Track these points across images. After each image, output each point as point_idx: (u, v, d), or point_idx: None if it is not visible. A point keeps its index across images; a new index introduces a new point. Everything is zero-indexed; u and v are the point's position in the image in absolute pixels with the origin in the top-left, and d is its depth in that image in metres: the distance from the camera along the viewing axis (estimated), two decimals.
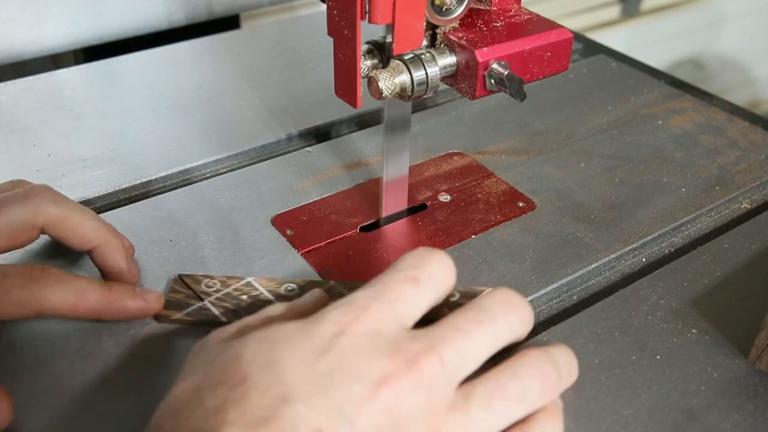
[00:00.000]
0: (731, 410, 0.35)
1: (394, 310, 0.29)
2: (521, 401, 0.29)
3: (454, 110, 0.60)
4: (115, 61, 0.66)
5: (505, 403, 0.28)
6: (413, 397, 0.26)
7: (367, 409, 0.26)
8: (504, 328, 0.30)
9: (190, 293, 0.40)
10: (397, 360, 0.27)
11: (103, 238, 0.38)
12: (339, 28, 0.36)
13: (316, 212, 0.47)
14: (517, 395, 0.28)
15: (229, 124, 0.57)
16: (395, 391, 0.26)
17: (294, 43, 0.70)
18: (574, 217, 0.48)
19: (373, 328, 0.28)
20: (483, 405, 0.28)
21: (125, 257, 0.39)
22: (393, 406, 0.26)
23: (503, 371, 0.29)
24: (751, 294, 0.42)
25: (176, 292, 0.40)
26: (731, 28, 1.63)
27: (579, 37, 0.72)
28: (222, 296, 0.39)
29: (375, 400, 0.26)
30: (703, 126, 0.58)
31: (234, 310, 0.39)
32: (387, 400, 0.26)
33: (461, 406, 0.27)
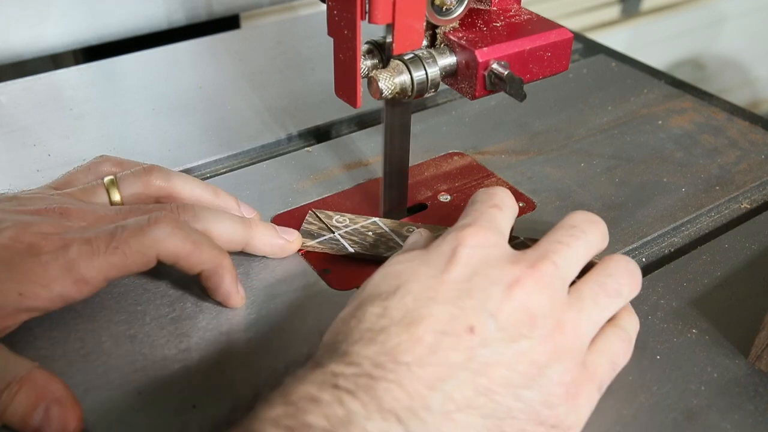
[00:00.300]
0: (731, 410, 0.35)
1: (495, 227, 0.34)
2: (618, 296, 0.34)
3: (454, 110, 0.60)
4: (115, 61, 0.66)
5: (608, 298, 0.34)
6: (540, 295, 0.31)
7: (506, 306, 0.30)
8: (592, 239, 0.35)
9: (322, 225, 0.44)
10: (520, 265, 0.32)
11: (215, 264, 0.38)
12: (339, 28, 0.36)
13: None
14: (615, 291, 0.34)
15: (229, 124, 0.57)
16: (525, 291, 0.31)
17: (294, 43, 0.70)
18: None
19: (486, 241, 0.33)
20: (592, 301, 0.33)
21: (235, 281, 0.39)
22: (525, 303, 0.31)
23: (600, 273, 0.34)
24: (751, 294, 0.42)
25: (310, 224, 0.45)
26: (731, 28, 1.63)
27: (579, 37, 0.72)
28: (350, 231, 0.44)
29: (510, 299, 0.31)
30: (703, 126, 0.58)
31: (361, 243, 0.43)
32: (520, 298, 0.31)
33: (576, 304, 0.32)
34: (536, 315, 0.31)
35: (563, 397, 0.31)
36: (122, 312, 0.39)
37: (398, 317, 0.30)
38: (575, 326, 0.32)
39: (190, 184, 0.43)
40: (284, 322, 0.39)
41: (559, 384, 0.30)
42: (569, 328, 0.31)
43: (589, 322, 0.33)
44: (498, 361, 0.29)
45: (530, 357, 0.30)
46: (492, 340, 0.30)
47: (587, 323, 0.33)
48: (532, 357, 0.30)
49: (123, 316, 0.39)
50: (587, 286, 0.34)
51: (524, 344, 0.30)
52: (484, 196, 0.36)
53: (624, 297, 0.35)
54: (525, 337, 0.30)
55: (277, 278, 0.42)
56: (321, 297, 0.41)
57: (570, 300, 0.32)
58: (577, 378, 0.31)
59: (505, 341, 0.30)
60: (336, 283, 0.42)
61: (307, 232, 0.44)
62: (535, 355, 0.30)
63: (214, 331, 0.38)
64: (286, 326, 0.39)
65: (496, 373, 0.29)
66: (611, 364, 0.34)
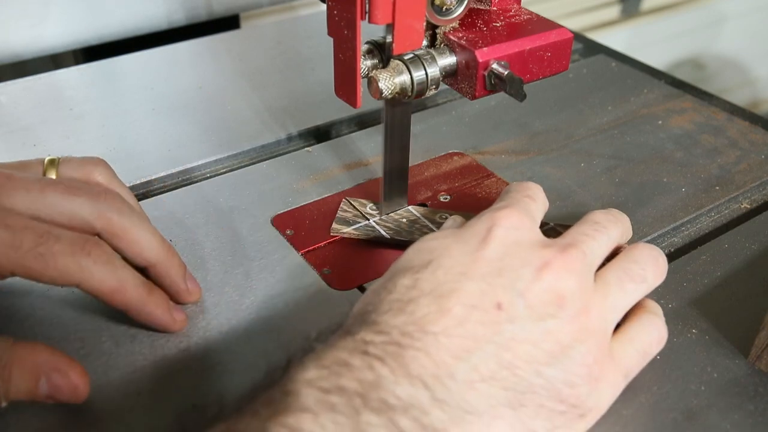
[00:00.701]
0: (731, 410, 0.35)
1: (529, 214, 0.35)
2: (643, 282, 0.35)
3: (454, 110, 0.60)
4: (115, 61, 0.66)
5: (633, 284, 0.35)
6: (569, 279, 0.32)
7: (535, 287, 0.31)
8: (613, 235, 0.36)
9: (357, 213, 0.46)
10: (551, 250, 0.33)
11: (158, 258, 0.37)
12: (339, 28, 0.36)
13: (316, 212, 0.47)
14: (640, 277, 0.35)
15: (229, 124, 0.57)
16: (555, 274, 0.32)
17: (294, 43, 0.70)
18: (575, 217, 0.47)
19: (521, 224, 0.34)
20: (618, 287, 0.34)
21: (182, 276, 0.38)
22: (554, 286, 0.31)
23: (625, 259, 0.35)
24: (751, 294, 0.42)
25: (345, 212, 0.46)
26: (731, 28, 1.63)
27: (579, 37, 0.72)
28: (385, 218, 0.45)
29: (540, 280, 0.31)
30: (703, 126, 0.58)
31: (396, 229, 0.44)
32: (549, 280, 0.31)
33: (602, 289, 0.33)
34: (564, 296, 0.31)
35: (585, 377, 0.31)
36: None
37: (428, 289, 0.31)
38: (600, 310, 0.33)
39: (129, 197, 0.40)
40: (284, 322, 0.39)
41: (582, 365, 0.31)
42: (594, 311, 0.32)
43: (614, 307, 0.34)
44: (524, 338, 0.30)
45: (555, 336, 0.31)
46: (519, 317, 0.31)
47: (612, 308, 0.34)
48: (558, 336, 0.31)
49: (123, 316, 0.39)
50: (613, 272, 0.35)
51: (550, 323, 0.31)
52: (518, 187, 0.38)
53: (649, 283, 0.35)
54: (552, 316, 0.31)
55: (277, 278, 0.42)
56: (321, 297, 0.41)
57: (596, 286, 0.33)
58: (600, 360, 0.32)
59: (532, 319, 0.31)
60: (336, 283, 0.42)
61: (343, 220, 0.45)
62: (560, 334, 0.31)
63: (214, 332, 0.38)
64: (286, 326, 0.39)
65: (520, 348, 0.30)
66: (641, 353, 0.34)
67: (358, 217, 0.45)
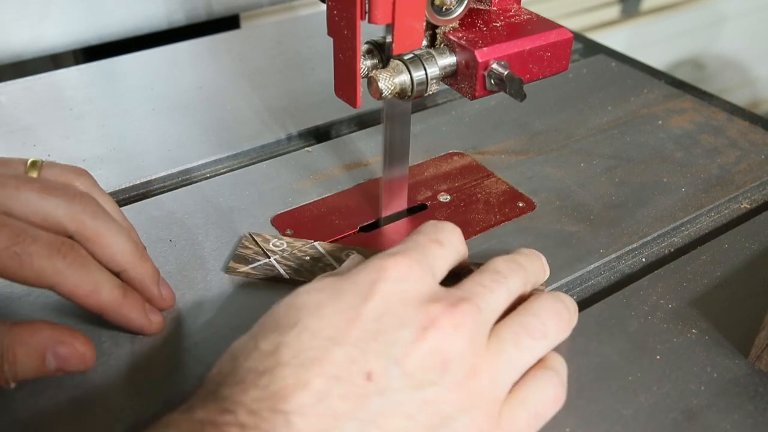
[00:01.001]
0: (731, 410, 0.35)
1: (427, 263, 0.31)
2: (543, 338, 0.32)
3: (454, 110, 0.60)
4: (115, 61, 0.66)
5: (532, 341, 0.31)
6: (457, 338, 0.29)
7: (416, 351, 0.28)
8: (514, 284, 0.33)
9: (258, 250, 0.42)
10: (439, 305, 0.29)
11: (130, 264, 0.36)
12: (339, 28, 0.36)
13: (316, 212, 0.47)
14: (540, 332, 0.32)
15: (229, 124, 0.57)
16: (442, 333, 0.28)
17: (294, 43, 0.70)
18: (574, 217, 0.48)
19: (411, 275, 0.30)
20: (514, 344, 0.31)
21: (155, 282, 0.37)
22: (440, 347, 0.28)
23: (524, 312, 0.32)
24: (751, 294, 0.42)
25: (245, 248, 0.43)
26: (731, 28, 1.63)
27: (579, 37, 0.72)
28: (287, 255, 0.42)
29: (423, 341, 0.28)
30: (703, 126, 0.58)
31: (297, 269, 0.41)
32: (434, 341, 0.28)
33: (495, 347, 0.30)
34: (450, 359, 0.28)
35: None
36: None
37: (289, 357, 0.27)
38: (491, 372, 0.29)
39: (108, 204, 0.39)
40: None
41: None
42: (484, 374, 0.29)
43: (509, 368, 0.30)
44: (395, 411, 0.27)
45: (436, 406, 0.28)
46: (391, 388, 0.27)
47: (506, 369, 0.30)
48: (438, 406, 0.28)
49: None
50: (508, 327, 0.31)
51: (429, 392, 0.28)
52: (428, 229, 0.34)
53: (550, 339, 0.32)
54: (432, 383, 0.28)
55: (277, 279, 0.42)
56: None
57: (490, 343, 0.30)
58: (486, 430, 0.29)
59: (408, 389, 0.27)
60: None
61: (242, 257, 0.42)
62: (441, 404, 0.28)
63: (214, 332, 0.38)
64: None
65: (390, 424, 0.27)
66: (533, 415, 0.31)
67: (259, 255, 0.42)
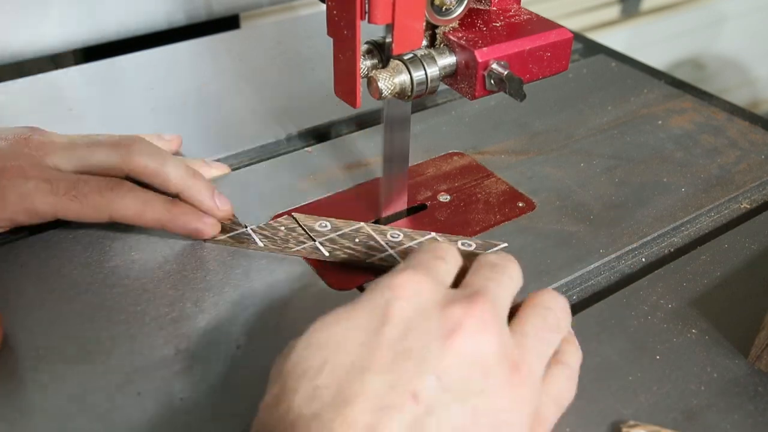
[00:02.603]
0: (731, 410, 0.35)
1: (434, 276, 0.31)
2: (558, 330, 0.32)
3: (454, 110, 0.60)
4: (115, 61, 0.66)
5: (550, 333, 0.32)
6: (487, 338, 0.28)
7: (450, 360, 0.27)
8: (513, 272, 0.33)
9: (236, 219, 0.45)
10: (458, 306, 0.29)
11: (184, 185, 0.43)
12: (339, 28, 0.36)
13: (316, 212, 0.47)
14: (555, 325, 0.32)
15: (229, 124, 0.57)
16: (470, 336, 0.28)
17: (294, 43, 0.70)
18: (574, 217, 0.48)
19: (423, 288, 0.30)
20: (536, 338, 0.31)
21: (209, 196, 0.43)
22: (473, 352, 0.27)
23: (538, 306, 0.32)
24: (751, 294, 0.42)
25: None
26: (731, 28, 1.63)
27: (579, 37, 0.72)
28: (264, 226, 0.45)
29: (453, 348, 0.27)
30: (703, 126, 0.58)
31: (272, 238, 0.44)
32: (465, 346, 0.27)
33: (522, 341, 0.30)
34: (487, 362, 0.28)
35: None
36: (122, 312, 0.39)
37: (329, 398, 0.26)
38: (529, 363, 0.29)
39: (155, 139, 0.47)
40: (284, 322, 0.39)
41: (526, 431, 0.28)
42: (523, 366, 0.29)
43: (538, 360, 0.30)
44: (452, 425, 0.26)
45: (490, 410, 0.27)
46: (439, 403, 0.26)
47: (537, 360, 0.30)
48: (493, 409, 0.27)
49: (123, 316, 0.39)
50: (529, 321, 0.31)
51: (478, 401, 0.27)
52: (427, 247, 0.34)
53: (562, 330, 0.33)
54: (479, 392, 0.27)
55: (277, 278, 0.42)
56: (321, 297, 0.41)
57: (515, 338, 0.30)
58: (534, 427, 0.30)
59: (455, 402, 0.26)
60: (336, 283, 0.42)
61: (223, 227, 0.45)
62: (495, 405, 0.27)
63: (214, 332, 0.38)
64: (286, 326, 0.39)
65: None
66: (557, 405, 0.32)
67: (236, 224, 0.45)
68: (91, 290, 0.40)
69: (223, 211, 0.44)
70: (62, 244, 0.43)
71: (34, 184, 0.40)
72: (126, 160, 0.42)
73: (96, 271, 0.41)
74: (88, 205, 0.40)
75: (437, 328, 0.28)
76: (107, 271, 0.42)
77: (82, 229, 0.44)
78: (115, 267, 0.42)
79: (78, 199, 0.40)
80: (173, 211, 0.42)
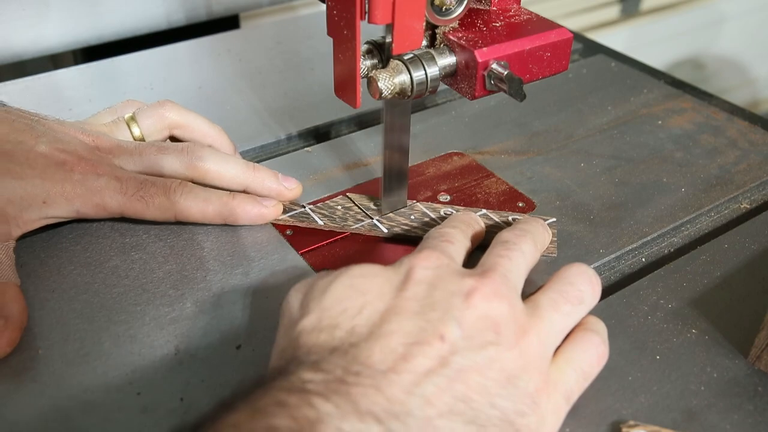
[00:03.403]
0: (731, 410, 0.35)
1: (445, 253, 0.35)
2: (581, 303, 0.34)
3: (454, 110, 0.60)
4: (115, 61, 0.66)
5: (570, 305, 0.34)
6: (499, 302, 0.31)
7: (468, 314, 0.31)
8: (526, 248, 0.37)
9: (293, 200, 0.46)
10: (472, 278, 0.32)
11: (246, 180, 0.45)
12: (339, 28, 0.36)
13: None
14: (577, 298, 0.34)
15: (229, 124, 0.57)
16: (484, 297, 0.31)
17: (294, 43, 0.70)
18: (574, 217, 0.48)
19: (440, 262, 0.34)
20: (553, 309, 0.33)
21: (275, 182, 0.45)
22: (486, 310, 0.31)
23: (559, 281, 0.35)
24: (750, 294, 0.42)
25: None
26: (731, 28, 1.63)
27: (579, 37, 0.72)
28: (321, 205, 0.47)
29: (471, 306, 0.31)
30: (702, 126, 0.58)
31: (330, 216, 0.46)
32: (480, 305, 0.31)
33: (535, 312, 0.33)
34: (498, 322, 0.31)
35: (532, 406, 0.30)
36: (122, 312, 0.39)
37: (366, 333, 0.30)
38: (538, 332, 0.32)
39: (199, 120, 0.48)
40: None
41: (527, 394, 0.30)
42: (532, 334, 0.32)
43: (552, 330, 0.33)
44: (471, 367, 0.29)
45: (499, 364, 0.30)
46: (461, 347, 0.30)
47: (550, 331, 0.33)
48: (501, 363, 0.30)
49: (123, 316, 0.39)
50: (546, 294, 0.34)
51: (492, 350, 0.30)
52: (435, 233, 0.38)
53: (587, 304, 0.35)
54: (491, 343, 0.30)
55: (277, 278, 0.42)
56: None
57: (529, 310, 0.33)
58: (542, 387, 0.31)
59: (473, 348, 0.30)
60: None
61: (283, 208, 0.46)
62: (504, 362, 0.30)
63: (214, 332, 0.38)
64: None
65: (471, 379, 0.29)
66: (580, 374, 0.33)
67: (294, 204, 0.47)
68: (91, 290, 0.40)
69: (292, 189, 0.45)
70: (62, 244, 0.43)
71: (105, 181, 0.41)
72: (191, 166, 0.44)
73: (96, 271, 0.41)
74: (153, 206, 0.42)
75: (457, 288, 0.32)
76: (107, 271, 0.42)
77: (82, 229, 0.44)
78: (115, 267, 0.42)
79: (144, 200, 0.42)
80: (231, 203, 0.44)
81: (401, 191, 0.46)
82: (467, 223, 0.40)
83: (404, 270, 0.33)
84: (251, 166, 0.45)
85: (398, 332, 0.30)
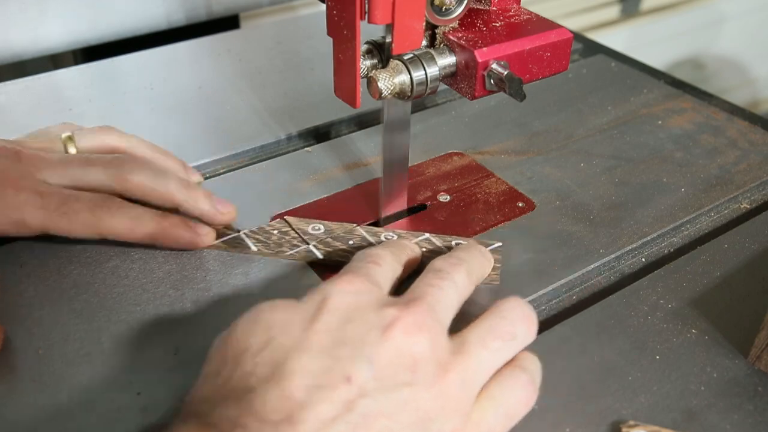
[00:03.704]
0: (731, 410, 0.35)
1: (371, 279, 0.33)
2: (513, 339, 0.32)
3: (454, 110, 0.60)
4: (115, 61, 0.66)
5: (500, 341, 0.31)
6: (420, 338, 0.29)
7: (385, 351, 0.28)
8: (459, 278, 0.34)
9: (230, 224, 0.44)
10: (394, 307, 0.30)
11: (180, 197, 0.42)
12: (338, 28, 0.36)
13: (315, 212, 0.47)
14: (509, 333, 0.32)
15: (229, 124, 0.57)
16: (404, 333, 0.29)
17: (294, 43, 0.70)
18: (574, 217, 0.48)
19: (361, 288, 0.31)
20: (481, 345, 0.31)
21: (210, 204, 0.43)
22: (404, 345, 0.29)
23: (491, 316, 0.32)
24: (750, 294, 0.42)
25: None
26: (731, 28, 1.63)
27: (579, 37, 0.72)
28: (256, 230, 0.44)
29: (388, 341, 0.29)
30: (702, 126, 0.58)
31: (265, 242, 0.43)
32: (398, 339, 0.29)
33: (460, 348, 0.30)
34: (417, 359, 0.29)
35: None
36: (122, 312, 0.39)
37: (267, 375, 0.28)
38: (461, 371, 0.30)
39: (142, 145, 0.46)
40: None
41: None
42: (454, 373, 0.29)
43: (478, 368, 0.30)
44: (379, 411, 0.27)
45: (413, 405, 0.28)
46: (371, 389, 0.28)
47: (475, 369, 0.30)
48: (416, 404, 0.28)
49: (123, 316, 0.39)
50: (475, 330, 0.32)
51: (406, 392, 0.28)
52: (361, 255, 0.35)
53: (520, 340, 0.32)
54: (406, 384, 0.28)
55: (277, 278, 0.42)
56: None
57: (455, 345, 0.31)
58: (458, 429, 0.29)
59: (384, 390, 0.28)
60: None
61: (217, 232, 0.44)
62: (418, 404, 0.28)
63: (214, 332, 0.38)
64: None
65: (376, 424, 0.27)
66: (504, 415, 0.31)
67: (229, 229, 0.44)
68: (91, 290, 0.40)
69: (226, 214, 0.43)
70: (62, 244, 0.43)
71: (25, 196, 0.39)
72: (119, 180, 0.41)
73: (96, 271, 0.41)
74: (77, 222, 0.40)
75: (374, 322, 0.29)
76: (107, 271, 0.42)
77: None
78: (115, 267, 0.42)
79: (68, 216, 0.40)
80: (164, 224, 0.41)
81: (401, 192, 0.46)
82: (401, 247, 0.38)
83: (319, 298, 0.31)
84: (185, 184, 0.42)
85: (300, 373, 0.27)
